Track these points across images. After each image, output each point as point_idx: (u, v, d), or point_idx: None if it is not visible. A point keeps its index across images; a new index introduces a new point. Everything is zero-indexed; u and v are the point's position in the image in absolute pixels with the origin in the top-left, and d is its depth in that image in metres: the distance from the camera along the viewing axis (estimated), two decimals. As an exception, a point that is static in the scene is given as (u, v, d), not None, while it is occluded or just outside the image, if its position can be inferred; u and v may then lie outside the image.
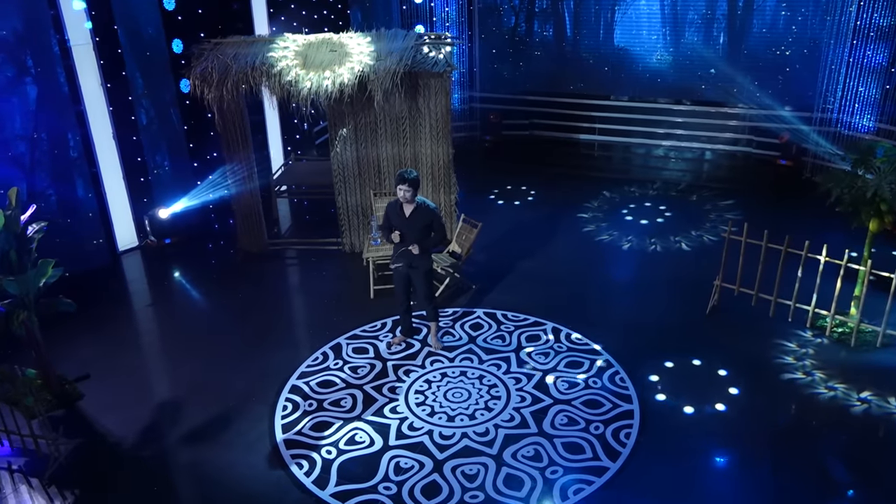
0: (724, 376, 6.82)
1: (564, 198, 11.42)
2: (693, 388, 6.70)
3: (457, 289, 8.63)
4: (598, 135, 14.17)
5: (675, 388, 6.71)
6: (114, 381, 7.06)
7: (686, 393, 6.63)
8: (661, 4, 13.07)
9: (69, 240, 9.16)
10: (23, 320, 6.24)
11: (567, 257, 9.45)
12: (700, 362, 7.05)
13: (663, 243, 9.70)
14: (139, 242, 10.04)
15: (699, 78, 13.12)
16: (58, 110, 8.74)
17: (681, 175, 12.56)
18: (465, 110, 14.36)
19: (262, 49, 8.41)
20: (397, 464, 5.80)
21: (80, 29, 8.76)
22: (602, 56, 13.87)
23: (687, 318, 7.86)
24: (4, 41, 8.13)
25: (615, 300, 8.37)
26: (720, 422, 6.26)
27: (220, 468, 5.83)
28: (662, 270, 9.02)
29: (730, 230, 7.65)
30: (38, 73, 8.49)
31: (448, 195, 9.30)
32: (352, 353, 7.37)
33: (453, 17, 13.62)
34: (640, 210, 10.84)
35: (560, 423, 6.22)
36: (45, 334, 7.58)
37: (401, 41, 8.54)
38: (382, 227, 7.20)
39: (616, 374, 6.86)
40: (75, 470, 5.87)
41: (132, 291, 9.01)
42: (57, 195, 8.99)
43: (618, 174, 12.64)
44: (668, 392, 6.63)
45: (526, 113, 14.50)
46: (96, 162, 9.27)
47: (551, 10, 14.02)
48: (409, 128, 8.99)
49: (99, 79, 9.10)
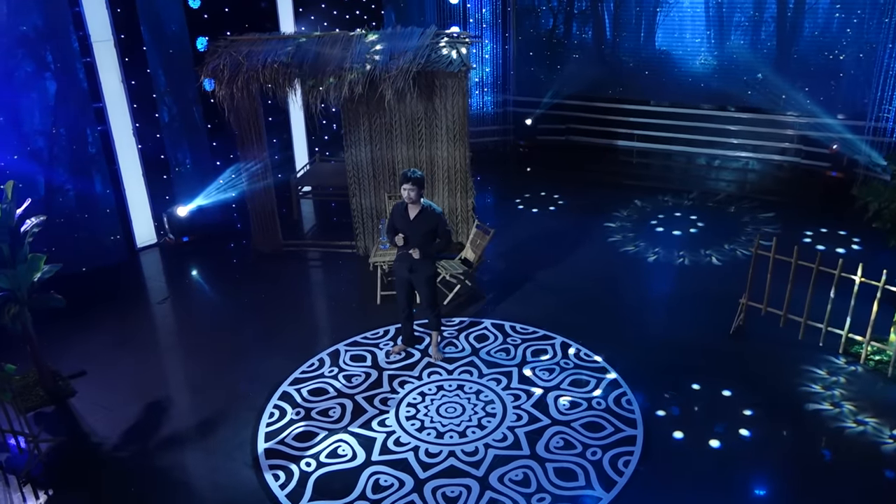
0: (741, 403, 6.28)
1: (593, 206, 10.95)
2: (705, 415, 6.19)
3: (468, 297, 8.28)
4: (637, 141, 13.60)
5: (686, 413, 6.21)
6: (109, 378, 6.99)
7: (697, 420, 6.13)
8: (706, 6, 12.43)
9: (86, 235, 9.22)
10: (14, 314, 6.20)
11: (588, 268, 8.99)
12: (716, 387, 6.52)
13: (692, 256, 9.14)
14: (158, 240, 10.04)
15: (745, 83, 12.41)
16: (77, 106, 8.79)
17: (721, 185, 11.92)
18: (499, 114, 13.99)
19: (276, 47, 8.27)
20: (376, 481, 5.50)
21: (101, 25, 8.80)
22: (642, 59, 13.30)
23: (708, 337, 7.32)
24: (25, 37, 8.20)
25: (632, 315, 7.88)
26: (732, 454, 5.73)
27: (196, 475, 5.66)
28: (688, 285, 8.47)
29: (757, 244, 7.09)
30: (58, 69, 8.55)
31: (465, 200, 8.97)
32: (349, 360, 7.12)
33: (487, 18, 13.29)
34: (672, 220, 10.27)
35: (555, 445, 5.81)
36: (51, 329, 7.65)
37: (416, 39, 8.27)
38: (388, 229, 6.94)
39: (623, 396, 6.40)
40: (54, 468, 5.78)
41: (144, 289, 8.98)
42: (75, 190, 9.04)
43: (654, 182, 12.07)
44: (676, 418, 6.14)
45: (562, 118, 14.05)
46: (115, 158, 9.31)
47: (590, 11, 13.53)
48: (424, 129, 8.71)
49: (120, 75, 9.13)
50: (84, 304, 8.33)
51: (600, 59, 13.62)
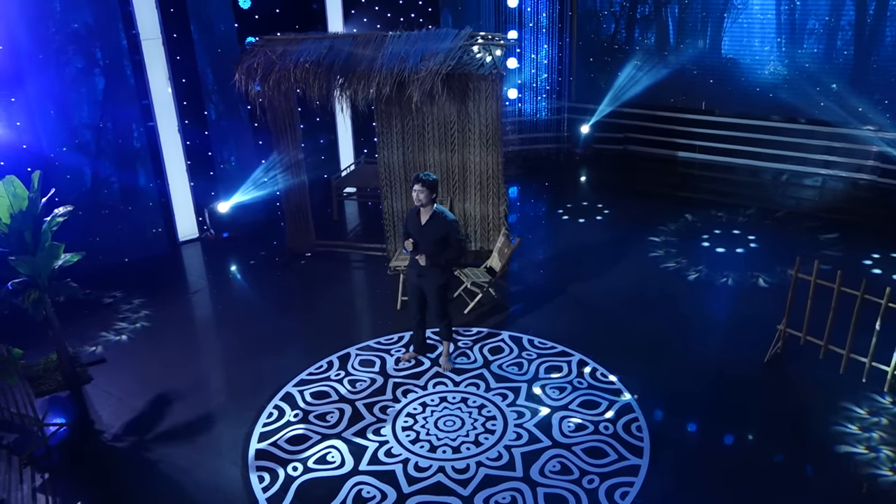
0: (764, 439, 5.77)
1: (641, 218, 10.45)
2: (723, 449, 5.71)
3: (491, 307, 8.02)
4: (699, 153, 12.93)
5: (702, 445, 5.76)
6: (125, 367, 7.14)
7: (713, 453, 5.66)
8: (777, 11, 11.68)
9: (129, 227, 9.53)
10: (35, 300, 6.40)
11: (622, 283, 8.55)
12: (740, 419, 6.02)
13: (738, 277, 8.54)
14: (200, 234, 10.26)
15: (818, 94, 11.57)
16: (124, 102, 9.09)
17: (784, 202, 11.12)
18: (553, 120, 13.62)
19: (310, 47, 8.26)
20: (359, 492, 5.34)
21: (150, 24, 9.06)
22: (707, 67, 12.64)
23: (740, 365, 6.78)
24: (76, 34, 8.55)
25: (660, 337, 7.39)
26: (744, 494, 5.25)
27: (182, 470, 5.65)
28: (727, 308, 7.92)
29: (798, 267, 6.51)
30: (107, 66, 8.88)
31: (496, 207, 8.71)
32: (357, 365, 7.00)
33: (543, 22, 12.96)
34: (722, 238, 9.66)
35: (551, 469, 5.49)
36: (80, 316, 7.91)
37: (449, 41, 8.08)
38: (403, 233, 6.80)
39: (634, 422, 5.99)
40: (55, 453, 5.91)
41: (178, 282, 9.17)
42: (120, 183, 9.37)
43: (710, 196, 11.42)
44: (690, 450, 5.70)
45: (621, 126, 13.55)
46: (160, 153, 9.56)
47: (654, 16, 12.99)
48: (457, 133, 8.52)
49: (167, 73, 9.37)
50: (120, 293, 8.60)
51: (663, 65, 13.03)
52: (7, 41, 8.17)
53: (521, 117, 13.57)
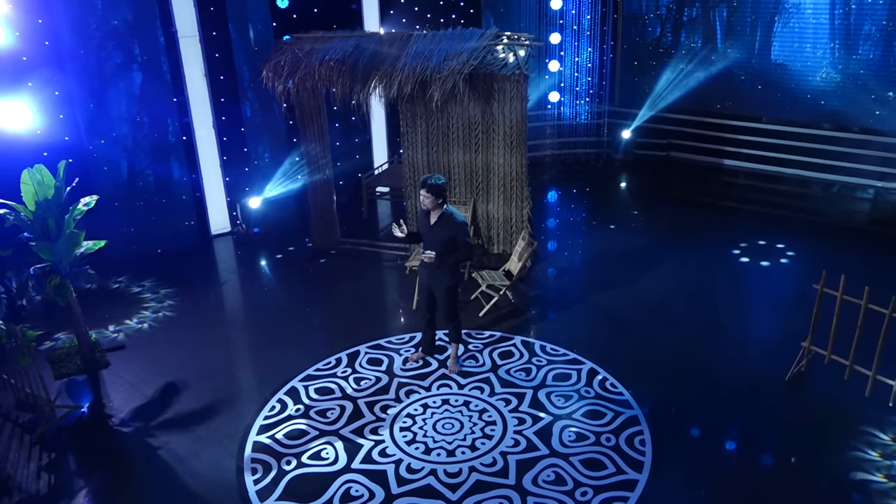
0: (775, 462, 5.47)
1: (676, 226, 10.14)
2: (729, 471, 5.45)
3: (509, 311, 7.89)
4: (745, 161, 12.48)
5: (707, 465, 5.50)
6: (143, 354, 7.30)
7: (718, 473, 5.41)
8: (831, 15, 11.15)
9: (162, 218, 9.78)
10: (56, 285, 6.62)
11: (647, 292, 8.28)
12: (752, 439, 5.73)
13: (769, 290, 8.18)
14: (232, 228, 10.45)
15: (873, 102, 11.00)
16: (160, 97, 9.33)
17: (834, 214, 10.58)
18: (594, 125, 13.35)
19: (337, 45, 8.32)
20: (348, 490, 5.30)
21: (188, 22, 9.29)
22: (756, 72, 12.18)
23: (761, 382, 6.47)
24: (115, 31, 8.83)
25: (679, 348, 7.12)
26: (746, 517, 5.00)
27: (181, 457, 5.73)
28: (754, 322, 7.58)
29: (823, 281, 6.17)
30: (144, 62, 9.13)
31: (520, 209, 8.57)
32: (365, 363, 6.98)
33: (585, 24, 12.73)
34: (758, 249, 9.26)
35: (545, 479, 5.33)
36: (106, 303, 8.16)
37: (474, 41, 8.00)
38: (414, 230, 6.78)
39: (638, 435, 5.77)
40: (67, 434, 6.09)
41: (206, 274, 9.33)
42: (154, 176, 9.62)
43: (752, 206, 11.00)
44: (693, 469, 5.45)
45: (664, 132, 13.20)
46: (195, 148, 9.79)
47: (701, 19, 12.59)
48: (481, 134, 8.44)
49: (203, 69, 9.58)
50: (148, 282, 8.84)
51: (709, 70, 12.62)
52: (52, 37, 8.51)
53: (560, 121, 13.36)
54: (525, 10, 12.98)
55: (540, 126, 13.35)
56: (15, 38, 8.20)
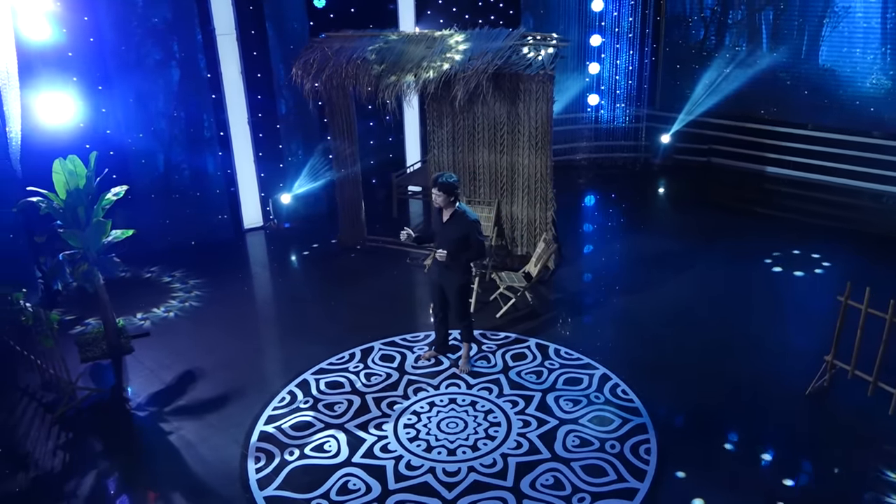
0: (787, 481, 5.27)
1: (709, 234, 9.90)
2: (735, 488, 5.27)
3: (527, 313, 7.83)
4: (789, 169, 12.08)
5: (713, 478, 5.33)
6: (165, 342, 7.51)
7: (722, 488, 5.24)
8: (883, 18, 10.70)
9: (197, 211, 10.04)
10: (84, 271, 6.86)
11: (672, 299, 8.10)
12: (764, 454, 5.54)
13: (798, 301, 7.90)
14: (264, 223, 10.66)
15: (927, 110, 10.54)
16: (197, 93, 9.59)
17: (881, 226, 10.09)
18: (632, 129, 13.13)
19: (365, 44, 8.41)
20: (345, 483, 5.34)
21: (226, 20, 9.52)
22: (802, 77, 11.77)
23: (779, 395, 6.25)
24: (155, 29, 9.12)
25: (698, 358, 6.93)
26: (748, 532, 4.84)
27: (190, 443, 5.87)
28: (780, 333, 7.32)
29: (848, 293, 5.93)
30: (182, 59, 9.40)
31: (544, 211, 8.49)
32: (378, 359, 7.02)
33: (626, 27, 12.53)
34: (790, 258, 8.94)
35: (543, 482, 5.27)
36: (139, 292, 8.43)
37: (500, 41, 7.98)
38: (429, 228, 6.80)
39: (644, 444, 5.65)
40: (86, 415, 6.31)
41: (235, 267, 9.53)
42: (190, 170, 9.89)
43: (792, 214, 10.67)
44: (696, 481, 5.30)
45: (705, 137, 12.90)
46: (230, 144, 10.02)
47: (746, 21, 12.25)
48: (507, 134, 8.40)
49: (240, 67, 9.81)
50: (180, 272, 9.10)
51: (753, 74, 12.26)
52: (96, 34, 8.85)
53: (598, 124, 13.19)
54: (564, 12, 12.87)
55: (577, 129, 13.21)
56: (62, 34, 8.55)
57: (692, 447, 5.67)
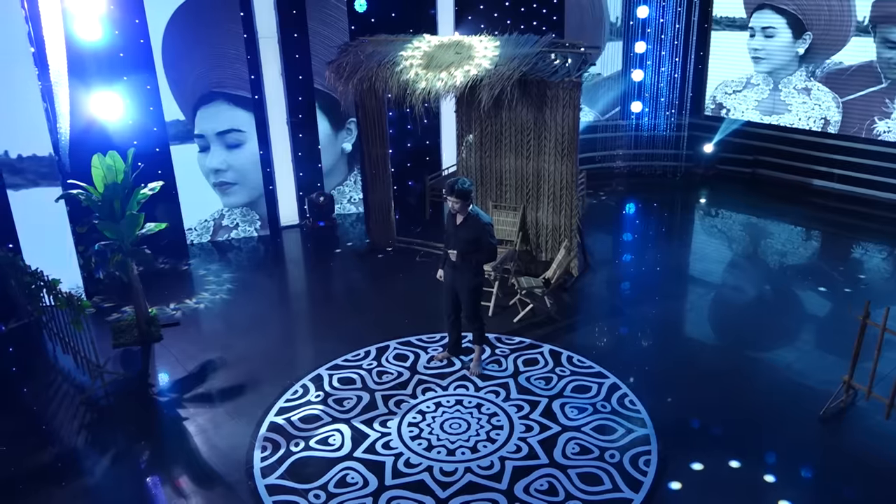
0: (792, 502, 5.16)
1: (741, 246, 9.68)
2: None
3: (544, 318, 7.83)
4: (838, 182, 11.69)
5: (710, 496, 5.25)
6: (193, 332, 7.83)
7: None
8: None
9: (235, 208, 10.40)
10: (118, 262, 7.23)
11: (695, 313, 7.99)
12: (770, 476, 5.41)
13: (826, 318, 7.66)
14: (300, 221, 10.95)
15: None
16: (239, 93, 9.94)
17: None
18: (673, 137, 12.91)
19: (396, 48, 8.56)
20: (344, 476, 5.48)
21: (268, 23, 9.85)
22: (852, 87, 11.39)
23: (794, 415, 6.08)
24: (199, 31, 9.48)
25: (714, 373, 6.80)
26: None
27: (203, 429, 6.12)
28: (800, 352, 7.13)
29: (867, 312, 5.75)
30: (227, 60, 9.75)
31: (569, 218, 8.47)
32: (392, 358, 7.15)
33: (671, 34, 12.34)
34: (828, 276, 8.66)
35: (537, 487, 5.30)
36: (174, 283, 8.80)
37: (528, 47, 8.01)
38: None
39: (644, 455, 5.60)
40: (112, 398, 6.65)
41: (267, 263, 9.84)
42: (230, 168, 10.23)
43: (833, 229, 10.31)
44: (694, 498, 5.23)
45: (751, 147, 12.59)
46: (269, 143, 10.35)
47: (796, 29, 11.90)
48: (533, 140, 8.41)
49: (281, 69, 10.12)
50: (215, 265, 9.45)
51: (802, 84, 11.92)
52: (146, 36, 9.28)
53: (638, 131, 13.03)
54: (608, 18, 12.77)
55: (616, 136, 13.10)
56: (114, 35, 9.02)
57: (694, 462, 5.58)
